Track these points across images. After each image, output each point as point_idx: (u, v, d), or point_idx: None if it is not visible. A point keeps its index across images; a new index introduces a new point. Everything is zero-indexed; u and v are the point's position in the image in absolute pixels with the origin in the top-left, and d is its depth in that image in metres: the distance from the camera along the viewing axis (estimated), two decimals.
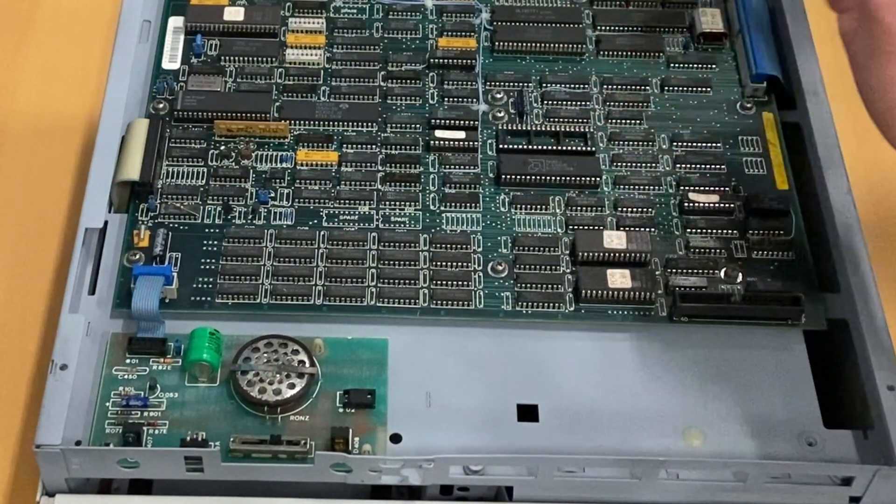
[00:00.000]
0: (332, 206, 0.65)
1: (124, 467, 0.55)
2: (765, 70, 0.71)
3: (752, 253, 0.64)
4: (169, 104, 0.69)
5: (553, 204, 0.66)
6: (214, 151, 0.67)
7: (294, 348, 0.59)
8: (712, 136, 0.69)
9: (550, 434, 0.58)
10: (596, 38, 0.73)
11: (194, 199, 0.65)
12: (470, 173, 0.67)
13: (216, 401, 0.58)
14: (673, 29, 0.74)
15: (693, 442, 0.58)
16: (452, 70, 0.71)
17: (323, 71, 0.71)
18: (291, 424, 0.57)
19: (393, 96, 0.70)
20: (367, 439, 0.57)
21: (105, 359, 0.59)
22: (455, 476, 0.56)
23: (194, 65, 0.71)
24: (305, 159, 0.67)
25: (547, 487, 0.56)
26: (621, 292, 0.62)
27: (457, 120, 0.69)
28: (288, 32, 0.73)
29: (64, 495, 0.56)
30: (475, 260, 0.64)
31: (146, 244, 0.63)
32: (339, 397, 0.58)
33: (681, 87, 0.71)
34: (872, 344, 0.60)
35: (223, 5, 0.73)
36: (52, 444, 0.55)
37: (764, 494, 0.57)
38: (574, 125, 0.69)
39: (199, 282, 0.62)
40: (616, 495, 0.57)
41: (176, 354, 0.59)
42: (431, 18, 0.74)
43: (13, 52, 0.80)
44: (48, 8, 0.82)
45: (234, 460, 0.56)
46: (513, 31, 0.73)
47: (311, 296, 0.62)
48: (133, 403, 0.58)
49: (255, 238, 0.64)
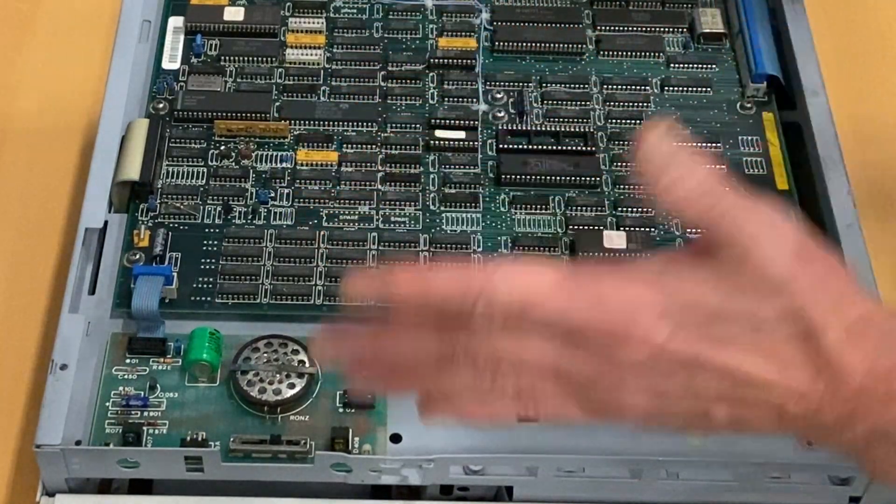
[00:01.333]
0: (332, 206, 0.65)
1: (124, 467, 0.55)
2: (765, 70, 0.71)
3: None
4: (169, 104, 0.69)
5: (553, 204, 0.66)
6: (214, 151, 0.67)
7: (294, 348, 0.59)
8: (712, 136, 0.69)
9: (550, 434, 0.58)
10: (596, 38, 0.73)
11: (194, 199, 0.65)
12: (470, 173, 0.67)
13: (216, 401, 0.58)
14: (673, 29, 0.74)
15: (693, 442, 0.58)
16: (452, 70, 0.71)
17: (323, 71, 0.71)
18: (291, 424, 0.57)
19: (393, 96, 0.70)
20: (367, 439, 0.57)
21: (105, 359, 0.59)
22: (455, 476, 0.56)
23: (194, 65, 0.71)
24: (305, 159, 0.67)
25: (547, 487, 0.56)
26: None
27: (457, 120, 0.69)
28: (288, 32, 0.73)
29: (64, 495, 0.56)
30: (475, 260, 0.64)
31: (146, 244, 0.63)
32: (339, 397, 0.58)
33: (681, 87, 0.71)
34: None
35: (223, 5, 0.73)
36: (52, 444, 0.55)
37: (764, 494, 0.57)
38: (574, 125, 0.69)
39: (199, 282, 0.62)
40: (616, 495, 0.57)
41: (176, 354, 0.59)
42: (431, 18, 0.74)
43: (13, 52, 0.80)
44: (48, 8, 0.82)
45: (234, 460, 0.56)
46: (513, 31, 0.73)
47: (311, 296, 0.62)
48: (133, 403, 0.58)
49: (255, 238, 0.64)
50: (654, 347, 0.45)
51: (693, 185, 0.45)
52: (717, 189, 0.45)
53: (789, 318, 0.45)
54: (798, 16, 0.74)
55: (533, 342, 0.45)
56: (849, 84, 0.78)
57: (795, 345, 0.45)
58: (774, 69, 0.71)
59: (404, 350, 0.46)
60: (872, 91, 0.79)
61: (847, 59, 0.80)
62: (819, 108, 0.69)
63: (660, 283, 0.45)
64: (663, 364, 0.45)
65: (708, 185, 0.45)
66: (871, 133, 0.72)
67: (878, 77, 0.80)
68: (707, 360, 0.45)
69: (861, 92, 0.78)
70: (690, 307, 0.45)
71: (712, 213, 0.45)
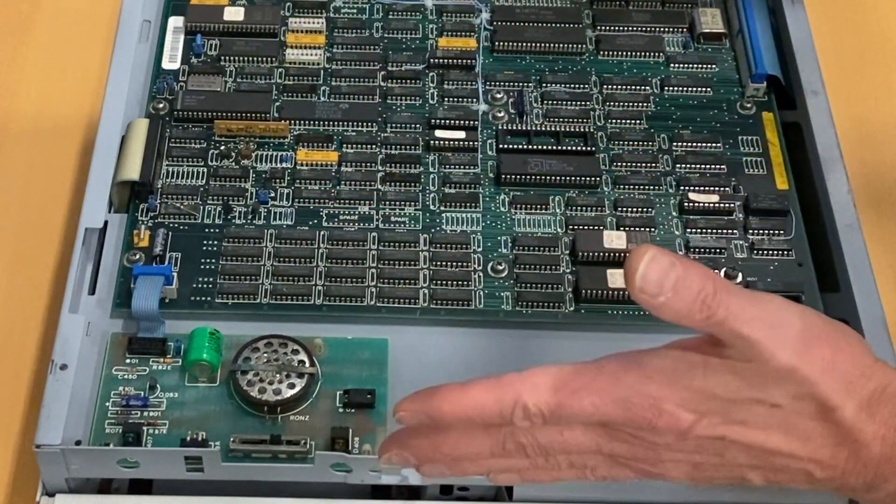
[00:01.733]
0: (332, 206, 0.65)
1: (124, 467, 0.55)
2: (765, 70, 0.71)
3: (752, 253, 0.64)
4: (169, 104, 0.69)
5: (553, 204, 0.66)
6: (214, 151, 0.67)
7: (294, 348, 0.59)
8: (712, 136, 0.69)
9: None
10: (596, 38, 0.73)
11: (194, 199, 0.65)
12: (470, 173, 0.67)
13: (216, 401, 0.58)
14: (673, 29, 0.74)
15: None
16: (452, 70, 0.71)
17: (323, 71, 0.71)
18: (291, 424, 0.57)
19: (393, 96, 0.70)
20: (367, 439, 0.57)
21: (105, 359, 0.59)
22: None
23: (194, 65, 0.71)
24: (305, 159, 0.67)
25: (547, 487, 0.56)
26: (621, 292, 0.62)
27: (457, 120, 0.69)
28: (288, 32, 0.73)
29: (64, 495, 0.56)
30: (475, 260, 0.64)
31: (146, 244, 0.63)
32: (339, 397, 0.58)
33: (681, 87, 0.71)
34: (873, 344, 0.59)
35: (223, 5, 0.73)
36: (52, 444, 0.55)
37: (764, 495, 0.56)
38: (574, 125, 0.69)
39: (199, 282, 0.62)
40: (616, 495, 0.57)
41: (176, 354, 0.59)
42: (431, 18, 0.74)
43: (13, 52, 0.80)
44: (48, 8, 0.82)
45: (234, 460, 0.56)
46: (513, 31, 0.73)
47: (311, 296, 0.62)
48: (133, 403, 0.58)
49: (255, 238, 0.64)
50: (680, 433, 0.48)
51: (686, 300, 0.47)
52: (710, 300, 0.47)
53: (803, 399, 0.48)
54: (798, 16, 0.74)
55: (573, 432, 0.49)
56: (849, 84, 0.78)
57: (814, 420, 0.48)
58: (774, 69, 0.71)
59: (461, 447, 0.50)
60: (872, 91, 0.79)
61: (847, 59, 0.80)
62: (819, 108, 0.70)
63: (676, 377, 0.48)
64: (692, 445, 0.49)
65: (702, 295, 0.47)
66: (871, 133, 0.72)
67: (878, 77, 0.80)
68: (733, 440, 0.49)
69: (861, 92, 0.78)
70: (709, 397, 0.48)
71: (710, 323, 0.47)
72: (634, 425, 0.48)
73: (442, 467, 0.51)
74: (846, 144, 0.68)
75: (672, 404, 0.48)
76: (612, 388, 0.48)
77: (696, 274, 0.47)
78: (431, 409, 0.49)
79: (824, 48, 0.73)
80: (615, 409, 0.48)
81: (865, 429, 0.48)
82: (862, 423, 0.48)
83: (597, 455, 0.50)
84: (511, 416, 0.48)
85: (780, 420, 0.48)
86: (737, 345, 0.48)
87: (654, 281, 0.47)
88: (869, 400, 0.48)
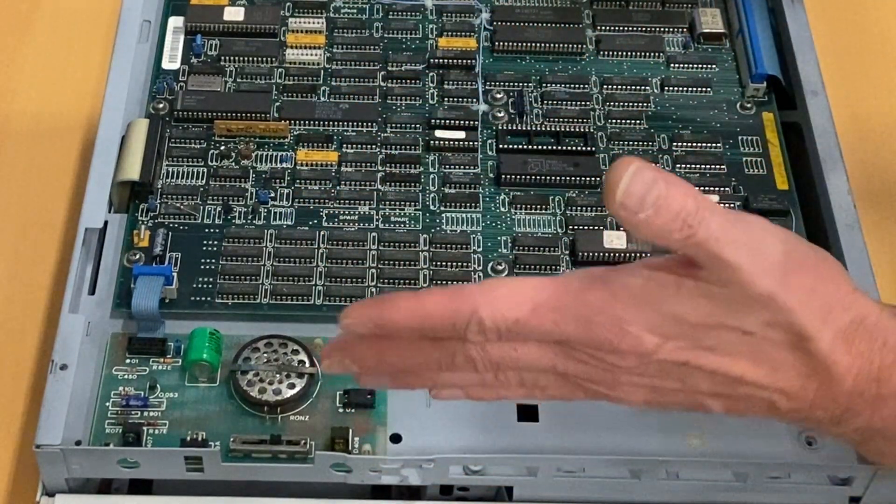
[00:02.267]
0: (332, 206, 0.65)
1: (124, 467, 0.55)
2: (765, 70, 0.71)
3: None
4: (169, 104, 0.69)
5: (553, 204, 0.66)
6: (214, 151, 0.67)
7: (294, 348, 0.59)
8: (712, 136, 0.69)
9: (550, 434, 0.58)
10: (596, 38, 0.73)
11: (194, 199, 0.65)
12: (470, 173, 0.67)
13: (216, 401, 0.58)
14: (673, 29, 0.74)
15: (693, 442, 0.58)
16: (452, 70, 0.71)
17: (323, 71, 0.71)
18: (291, 424, 0.57)
19: (393, 96, 0.70)
20: (367, 439, 0.57)
21: (105, 359, 0.59)
22: (455, 476, 0.56)
23: (194, 65, 0.71)
24: (305, 159, 0.67)
25: (547, 487, 0.56)
26: None
27: (457, 120, 0.69)
28: (288, 32, 0.73)
29: (64, 495, 0.56)
30: (475, 260, 0.64)
31: (146, 244, 0.63)
32: (339, 397, 0.58)
33: (681, 87, 0.71)
34: None
35: (223, 5, 0.73)
36: (52, 444, 0.55)
37: (764, 494, 0.57)
38: (574, 125, 0.69)
39: (199, 282, 0.62)
40: (616, 495, 0.57)
41: (176, 354, 0.59)
42: (431, 18, 0.74)
43: (13, 53, 0.80)
44: (48, 8, 0.82)
45: (234, 460, 0.56)
46: (513, 31, 0.73)
47: (311, 296, 0.62)
48: (133, 403, 0.58)
49: (255, 238, 0.64)
50: (642, 356, 0.46)
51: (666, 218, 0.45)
52: (691, 219, 0.45)
53: (777, 327, 0.46)
54: (798, 16, 0.74)
55: (527, 348, 0.46)
56: (849, 84, 0.78)
57: (786, 350, 0.46)
58: (774, 69, 0.71)
59: (407, 358, 0.48)
60: (872, 91, 0.79)
61: (847, 59, 0.80)
62: (819, 107, 0.70)
63: (644, 298, 0.46)
64: (653, 369, 0.46)
65: (683, 213, 0.45)
66: (871, 133, 0.72)
67: (878, 77, 0.80)
68: (697, 366, 0.46)
69: (861, 92, 0.78)
70: (677, 321, 0.46)
71: (689, 243, 0.45)
72: (594, 346, 0.46)
73: (385, 378, 0.49)
74: (846, 144, 0.68)
75: (637, 326, 0.45)
76: (574, 306, 0.46)
77: (678, 191, 0.45)
78: (382, 318, 0.46)
79: (824, 48, 0.73)
80: (576, 329, 0.46)
81: (840, 360, 0.46)
82: (837, 354, 0.46)
83: (549, 374, 0.47)
84: (465, 330, 0.46)
85: (749, 347, 0.46)
86: (714, 267, 0.45)
87: (637, 195, 0.44)
88: (846, 331, 0.46)
